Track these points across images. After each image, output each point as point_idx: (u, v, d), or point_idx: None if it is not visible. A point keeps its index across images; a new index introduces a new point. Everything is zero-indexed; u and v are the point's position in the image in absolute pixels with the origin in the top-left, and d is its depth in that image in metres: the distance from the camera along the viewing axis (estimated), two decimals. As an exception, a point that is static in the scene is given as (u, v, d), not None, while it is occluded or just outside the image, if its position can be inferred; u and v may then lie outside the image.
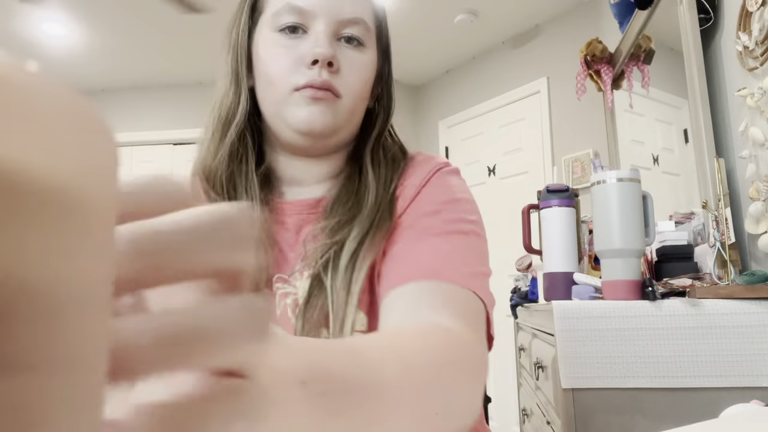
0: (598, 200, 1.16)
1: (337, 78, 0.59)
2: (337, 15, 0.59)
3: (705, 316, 1.04)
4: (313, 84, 0.57)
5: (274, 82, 0.59)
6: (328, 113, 0.59)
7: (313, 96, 0.57)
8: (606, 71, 2.19)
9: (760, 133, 1.28)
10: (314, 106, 0.58)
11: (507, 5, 3.25)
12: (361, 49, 0.61)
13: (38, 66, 0.13)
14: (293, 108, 0.58)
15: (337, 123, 0.60)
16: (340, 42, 0.60)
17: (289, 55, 0.58)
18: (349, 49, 0.60)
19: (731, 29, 1.43)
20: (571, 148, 3.20)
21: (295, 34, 0.59)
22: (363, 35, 0.61)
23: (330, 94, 0.58)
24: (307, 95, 0.58)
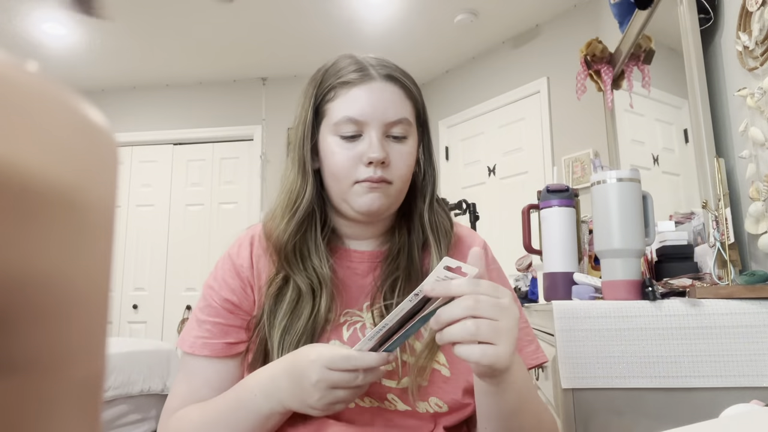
0: (598, 200, 1.16)
1: (388, 170, 0.74)
2: (384, 120, 0.74)
3: (705, 316, 1.04)
4: (370, 179, 0.73)
5: (339, 178, 0.75)
6: (383, 197, 0.75)
7: (370, 187, 0.74)
8: (606, 71, 2.19)
9: (760, 133, 1.28)
10: (372, 194, 0.74)
11: (507, 5, 3.25)
12: (404, 141, 0.76)
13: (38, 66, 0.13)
14: (355, 196, 0.75)
15: (390, 203, 0.77)
16: (389, 139, 0.75)
17: (350, 155, 0.74)
18: (396, 143, 0.75)
19: (731, 29, 1.43)
20: (571, 148, 3.20)
21: (354, 139, 0.74)
22: (406, 130, 0.76)
23: (383, 183, 0.74)
24: (366, 186, 0.74)
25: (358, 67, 0.76)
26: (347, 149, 0.74)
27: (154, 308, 4.19)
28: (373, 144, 0.73)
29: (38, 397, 0.11)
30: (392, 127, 0.75)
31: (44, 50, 3.67)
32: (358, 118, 0.73)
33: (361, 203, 0.74)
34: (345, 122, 0.74)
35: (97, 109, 0.14)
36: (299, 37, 3.62)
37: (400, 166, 0.75)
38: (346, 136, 0.74)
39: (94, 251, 0.13)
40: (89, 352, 0.13)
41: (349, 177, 0.74)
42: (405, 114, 0.76)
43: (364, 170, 0.73)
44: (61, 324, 0.12)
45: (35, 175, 0.11)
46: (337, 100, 0.75)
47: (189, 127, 4.33)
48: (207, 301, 0.80)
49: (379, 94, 0.74)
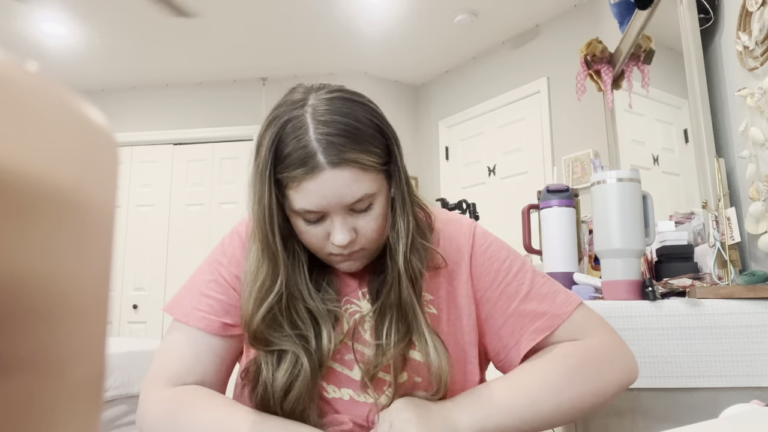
0: (598, 200, 1.16)
1: (356, 243, 0.73)
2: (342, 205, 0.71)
3: (705, 316, 1.04)
4: (342, 255, 0.74)
5: (314, 250, 0.75)
6: (361, 260, 0.76)
7: (343, 259, 0.75)
8: (606, 71, 2.19)
9: (760, 133, 1.28)
10: (347, 262, 0.75)
11: (507, 5, 3.24)
12: (370, 209, 0.74)
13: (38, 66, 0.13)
14: (334, 263, 0.76)
15: (367, 260, 0.77)
16: (353, 213, 0.73)
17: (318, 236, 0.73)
18: (362, 215, 0.73)
19: (731, 29, 1.43)
20: (571, 148, 3.20)
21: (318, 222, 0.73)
22: (368, 201, 0.73)
23: (356, 253, 0.74)
24: (339, 258, 0.75)
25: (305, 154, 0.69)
26: (314, 230, 0.73)
27: (154, 308, 4.19)
28: (336, 230, 0.71)
29: (38, 397, 0.11)
30: (354, 205, 0.72)
31: (44, 50, 3.67)
32: (315, 209, 0.71)
33: (342, 268, 0.77)
34: (305, 212, 0.72)
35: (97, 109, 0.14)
36: (299, 37, 3.62)
37: (369, 233, 0.74)
38: (309, 221, 0.73)
39: (94, 251, 0.13)
40: (89, 352, 0.13)
41: (322, 251, 0.74)
42: (364, 191, 0.71)
43: (333, 248, 0.73)
44: (61, 324, 0.12)
45: (35, 175, 0.11)
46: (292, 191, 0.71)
47: (189, 127, 4.33)
48: (214, 275, 0.79)
49: (330, 184, 0.70)
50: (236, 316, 0.77)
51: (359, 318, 0.77)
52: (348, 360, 0.76)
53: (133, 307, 4.22)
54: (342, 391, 0.75)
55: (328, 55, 3.77)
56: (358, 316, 0.78)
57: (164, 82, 4.31)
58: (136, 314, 4.21)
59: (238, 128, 4.28)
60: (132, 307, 4.22)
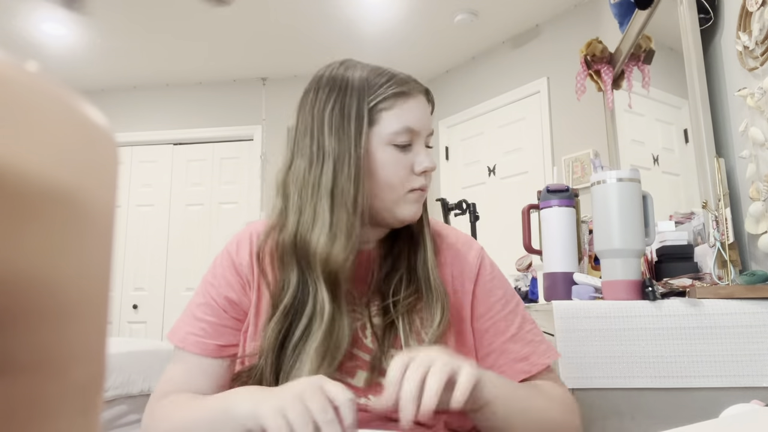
0: (598, 200, 1.16)
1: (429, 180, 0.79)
2: (428, 131, 0.79)
3: (705, 316, 1.04)
4: (422, 188, 0.77)
5: (395, 187, 0.76)
6: (422, 205, 0.79)
7: (420, 196, 0.77)
8: (606, 71, 2.19)
9: (760, 133, 1.28)
10: (419, 203, 0.78)
11: (507, 5, 3.24)
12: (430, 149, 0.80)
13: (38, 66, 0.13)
14: (406, 205, 0.77)
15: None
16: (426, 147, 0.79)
17: (405, 165, 0.76)
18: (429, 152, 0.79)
19: (731, 29, 1.43)
20: (571, 148, 3.20)
21: (405, 148, 0.76)
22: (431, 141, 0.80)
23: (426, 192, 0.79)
24: (417, 196, 0.77)
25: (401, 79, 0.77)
26: (401, 158, 0.75)
27: (154, 308, 4.19)
28: (424, 154, 0.77)
29: (38, 397, 0.11)
30: (429, 139, 0.79)
31: (44, 50, 3.67)
32: (415, 128, 0.75)
33: (409, 212, 0.77)
34: (404, 132, 0.74)
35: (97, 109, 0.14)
36: (299, 37, 3.62)
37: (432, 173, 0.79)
38: (402, 146, 0.75)
39: (95, 251, 0.13)
40: (89, 352, 0.13)
41: (403, 186, 0.75)
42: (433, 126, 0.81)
43: (417, 179, 0.76)
44: (61, 324, 0.12)
45: (35, 175, 0.11)
46: (395, 109, 0.74)
47: (189, 127, 4.33)
48: (205, 298, 0.80)
49: (424, 107, 0.78)
50: (229, 336, 0.78)
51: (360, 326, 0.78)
52: (349, 366, 0.76)
53: (133, 307, 4.22)
54: None
55: (328, 55, 3.75)
56: (360, 323, 0.78)
57: (164, 82, 4.31)
58: (136, 314, 4.21)
59: (238, 128, 4.28)
60: (132, 307, 4.22)
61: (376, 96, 0.74)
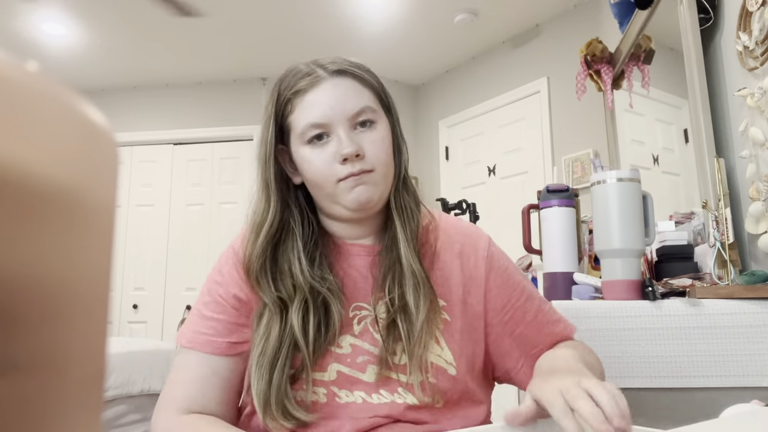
0: (598, 200, 1.16)
1: (365, 161, 0.74)
2: (345, 115, 0.74)
3: (705, 316, 1.04)
4: (351, 174, 0.73)
5: (321, 183, 0.75)
6: (370, 188, 0.74)
7: (354, 181, 0.74)
8: (606, 71, 2.19)
9: (760, 133, 1.28)
10: (359, 187, 0.74)
11: (507, 5, 3.24)
12: (373, 127, 0.76)
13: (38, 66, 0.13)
14: (343, 194, 0.74)
15: (378, 191, 0.76)
16: (357, 129, 0.75)
17: (324, 158, 0.74)
18: (366, 131, 0.75)
19: (731, 29, 1.43)
20: (571, 148, 3.20)
21: (321, 140, 0.75)
22: (371, 116, 0.76)
23: (364, 174, 0.74)
24: (350, 182, 0.74)
25: (307, 71, 0.76)
26: (319, 153, 0.74)
27: (154, 308, 4.19)
28: (342, 140, 0.73)
29: (39, 397, 0.11)
30: (356, 118, 0.75)
31: (44, 50, 3.67)
32: (319, 121, 0.74)
33: (351, 199, 0.74)
34: (309, 129, 0.74)
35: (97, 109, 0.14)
36: (299, 37, 3.62)
37: (376, 151, 0.75)
38: (314, 141, 0.74)
39: (95, 251, 0.13)
40: (90, 352, 0.13)
41: (330, 179, 0.74)
42: (365, 102, 0.75)
43: (342, 168, 0.73)
44: (62, 324, 0.12)
45: (35, 175, 0.11)
46: (296, 111, 0.75)
47: (189, 127, 4.33)
48: (212, 296, 0.79)
49: (332, 91, 0.75)
50: (241, 333, 0.77)
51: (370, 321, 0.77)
52: (360, 362, 0.75)
53: (133, 307, 4.22)
54: (355, 395, 0.75)
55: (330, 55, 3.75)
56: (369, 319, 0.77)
57: (164, 82, 4.31)
58: (136, 314, 4.21)
59: (238, 128, 4.27)
60: (132, 307, 4.22)
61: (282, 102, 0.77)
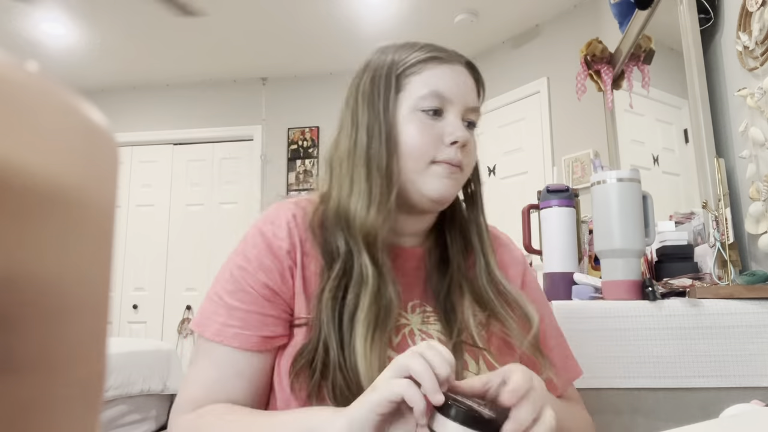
0: (598, 200, 1.16)
1: (465, 155, 0.72)
2: (466, 103, 0.72)
3: (705, 316, 1.04)
4: (451, 161, 0.70)
5: (416, 156, 0.70)
6: (456, 185, 0.72)
7: (449, 170, 0.70)
8: (606, 71, 2.19)
9: (760, 133, 1.28)
10: (448, 179, 0.70)
11: (507, 5, 3.24)
12: (473, 128, 0.75)
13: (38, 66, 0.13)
14: (431, 178, 0.70)
15: (456, 191, 0.73)
16: (464, 124, 0.73)
17: (431, 132, 0.70)
18: (470, 131, 0.73)
19: (731, 29, 1.43)
20: (571, 148, 3.20)
21: (435, 116, 0.71)
22: (476, 118, 0.75)
23: (458, 169, 0.71)
24: (444, 169, 0.70)
25: (440, 47, 0.74)
26: (429, 126, 0.70)
27: (154, 308, 4.19)
28: (457, 124, 0.70)
29: (38, 397, 0.11)
30: (470, 113, 0.73)
31: (44, 50, 3.67)
32: (444, 93, 0.71)
33: (435, 187, 0.70)
34: (431, 96, 0.70)
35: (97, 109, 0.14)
36: (299, 37, 3.62)
37: (472, 156, 0.74)
38: (429, 111, 0.70)
39: (95, 251, 0.13)
40: (89, 352, 0.13)
41: (427, 155, 0.70)
42: (478, 104, 0.75)
43: (445, 150, 0.70)
44: (61, 324, 0.12)
45: (35, 175, 0.11)
46: (424, 73, 0.71)
47: (189, 127, 4.33)
48: (239, 284, 0.69)
49: (463, 77, 0.73)
50: (274, 327, 0.68)
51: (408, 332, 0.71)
52: None
53: (133, 307, 4.22)
54: None
55: (328, 55, 3.76)
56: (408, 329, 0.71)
57: (164, 82, 4.31)
58: (136, 314, 4.21)
59: (238, 128, 4.28)
60: (132, 307, 4.22)
61: (405, 62, 0.72)
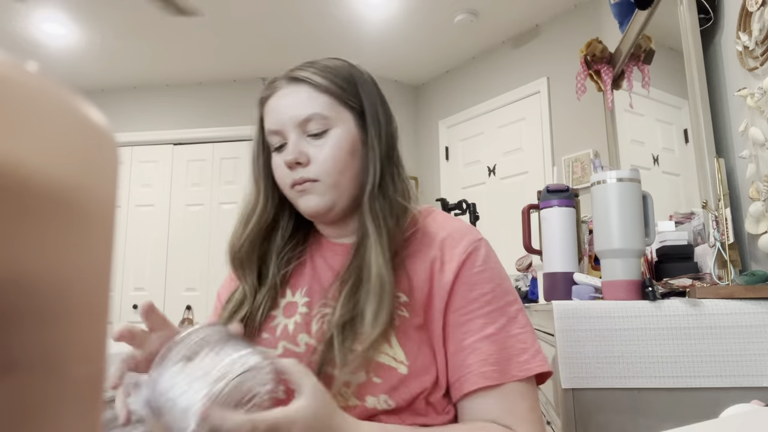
0: (598, 200, 1.16)
1: (308, 169, 0.75)
2: (294, 121, 0.75)
3: (705, 316, 1.04)
4: (294, 182, 0.76)
5: (282, 187, 0.79)
6: (316, 197, 0.76)
7: (299, 190, 0.76)
8: (606, 71, 2.19)
9: (760, 133, 1.28)
10: (304, 196, 0.76)
11: (507, 5, 3.24)
12: (323, 136, 0.76)
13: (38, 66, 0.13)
14: (295, 201, 0.78)
15: (329, 200, 0.76)
16: (308, 138, 0.76)
17: (280, 164, 0.78)
18: (314, 140, 0.76)
19: (731, 29, 1.43)
20: (571, 148, 3.20)
21: (282, 149, 0.77)
22: (322, 125, 0.76)
23: (308, 183, 0.75)
24: (296, 191, 0.76)
25: (270, 81, 0.80)
26: (278, 159, 0.78)
27: (154, 308, 4.19)
28: (290, 148, 0.76)
29: (39, 396, 0.11)
30: (306, 125, 0.76)
31: (44, 50, 3.67)
32: (273, 128, 0.77)
33: (301, 207, 0.78)
34: (270, 136, 0.78)
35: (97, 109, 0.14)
36: (299, 37, 3.62)
37: (321, 161, 0.75)
38: (276, 148, 0.78)
39: (94, 251, 0.13)
40: (90, 352, 0.13)
41: (285, 185, 0.78)
42: (315, 109, 0.75)
43: (289, 174, 0.76)
44: (62, 324, 0.12)
45: (35, 174, 0.11)
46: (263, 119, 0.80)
47: (189, 127, 4.33)
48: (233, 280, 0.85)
49: (284, 99, 0.77)
50: None
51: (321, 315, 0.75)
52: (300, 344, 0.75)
53: (133, 307, 4.21)
54: None
55: (328, 55, 3.75)
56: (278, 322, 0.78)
57: (164, 82, 4.31)
58: (136, 314, 4.21)
59: (238, 128, 4.27)
60: (132, 307, 4.22)
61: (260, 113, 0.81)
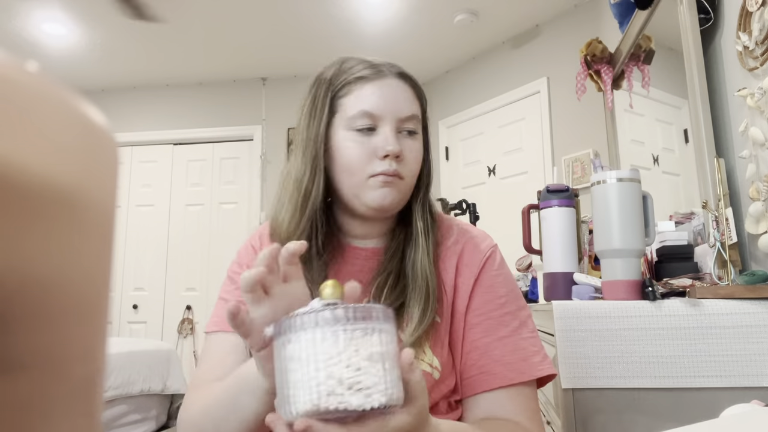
0: (598, 200, 1.16)
1: (401, 165, 0.76)
2: (397, 115, 0.77)
3: (705, 316, 1.04)
4: (385, 172, 0.75)
5: (353, 172, 0.76)
6: (394, 192, 0.76)
7: (384, 181, 0.75)
8: (606, 71, 2.19)
9: (760, 133, 1.28)
10: (386, 188, 0.76)
11: (507, 5, 3.24)
12: (414, 137, 0.79)
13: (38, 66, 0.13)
14: (369, 191, 0.76)
15: (400, 198, 0.78)
16: (401, 134, 0.78)
17: (365, 149, 0.76)
18: (408, 139, 0.78)
19: (731, 29, 1.43)
20: (571, 148, 3.20)
21: (368, 133, 0.76)
22: (416, 126, 0.79)
23: (396, 178, 0.76)
24: (381, 180, 0.75)
25: (370, 64, 0.79)
26: (362, 143, 0.76)
27: (154, 308, 4.19)
28: (389, 138, 0.75)
29: (39, 396, 0.11)
30: (404, 123, 0.77)
31: (44, 50, 3.67)
32: (373, 111, 0.75)
33: (374, 198, 0.76)
34: (360, 116, 0.76)
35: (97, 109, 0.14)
36: (299, 37, 3.62)
37: (412, 161, 0.77)
38: (361, 130, 0.76)
39: (95, 251, 0.13)
40: (89, 351, 0.13)
41: (363, 171, 0.75)
42: (415, 111, 0.78)
43: (379, 164, 0.75)
44: (62, 323, 0.12)
45: (35, 175, 0.11)
46: (352, 95, 0.77)
47: (189, 127, 4.33)
48: (233, 283, 0.82)
49: (392, 89, 0.77)
50: None
51: None
52: None
53: (133, 307, 4.22)
54: None
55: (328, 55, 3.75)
56: None
57: (164, 82, 4.31)
58: (136, 314, 4.21)
59: (238, 128, 4.28)
60: (132, 307, 4.22)
61: (339, 84, 0.78)
